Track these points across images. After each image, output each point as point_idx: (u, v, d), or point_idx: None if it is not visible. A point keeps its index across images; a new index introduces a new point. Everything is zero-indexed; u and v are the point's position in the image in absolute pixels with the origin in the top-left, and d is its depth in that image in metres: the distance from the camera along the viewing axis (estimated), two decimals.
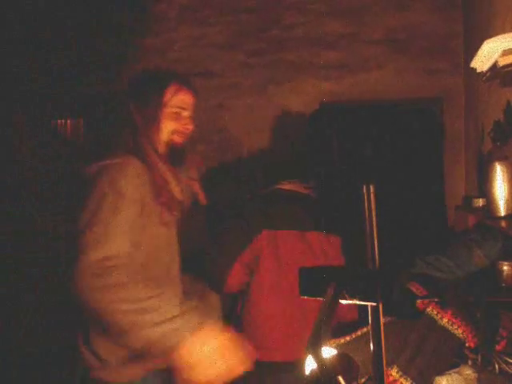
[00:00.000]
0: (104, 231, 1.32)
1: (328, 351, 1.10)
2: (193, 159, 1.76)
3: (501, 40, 1.71)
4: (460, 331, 1.49)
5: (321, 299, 1.04)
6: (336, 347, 1.48)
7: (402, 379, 1.46)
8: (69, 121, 3.87)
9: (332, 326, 1.01)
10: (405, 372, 1.46)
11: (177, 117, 1.58)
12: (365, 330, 1.59)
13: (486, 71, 1.92)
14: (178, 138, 1.60)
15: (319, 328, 1.01)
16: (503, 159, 2.01)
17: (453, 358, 1.51)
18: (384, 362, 0.99)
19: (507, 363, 1.42)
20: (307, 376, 1.09)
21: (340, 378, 1.02)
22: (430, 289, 1.71)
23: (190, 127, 1.62)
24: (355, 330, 1.61)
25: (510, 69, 1.72)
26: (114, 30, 3.78)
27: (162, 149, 1.58)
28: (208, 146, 3.77)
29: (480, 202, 2.49)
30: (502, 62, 1.72)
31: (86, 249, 1.31)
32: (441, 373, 1.48)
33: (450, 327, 1.51)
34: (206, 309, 1.75)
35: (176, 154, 1.60)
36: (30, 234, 3.36)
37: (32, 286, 3.25)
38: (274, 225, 2.06)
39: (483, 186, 2.17)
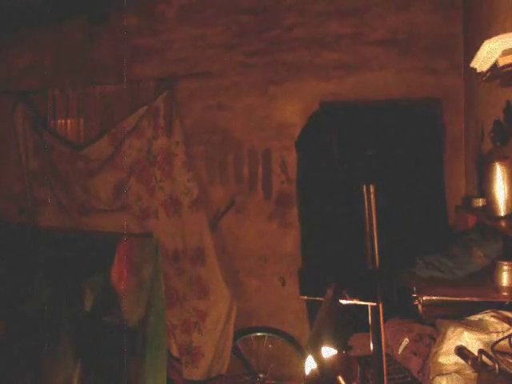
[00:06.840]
0: None
1: (328, 351, 1.10)
2: None
3: (501, 40, 1.71)
4: None
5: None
6: None
7: None
8: (69, 121, 3.86)
9: None
10: None
11: None
12: None
13: (486, 71, 1.91)
14: None
15: (319, 328, 1.01)
16: (503, 159, 2.01)
17: None
18: (384, 361, 0.99)
19: (507, 363, 1.42)
20: (307, 376, 1.09)
21: (340, 378, 1.02)
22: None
23: None
24: None
25: (510, 69, 1.72)
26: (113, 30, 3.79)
27: None
28: (208, 146, 3.77)
29: (480, 202, 2.48)
30: (502, 62, 1.71)
31: None
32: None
33: None
34: None
35: None
36: None
37: None
38: None
39: (483, 186, 2.17)
